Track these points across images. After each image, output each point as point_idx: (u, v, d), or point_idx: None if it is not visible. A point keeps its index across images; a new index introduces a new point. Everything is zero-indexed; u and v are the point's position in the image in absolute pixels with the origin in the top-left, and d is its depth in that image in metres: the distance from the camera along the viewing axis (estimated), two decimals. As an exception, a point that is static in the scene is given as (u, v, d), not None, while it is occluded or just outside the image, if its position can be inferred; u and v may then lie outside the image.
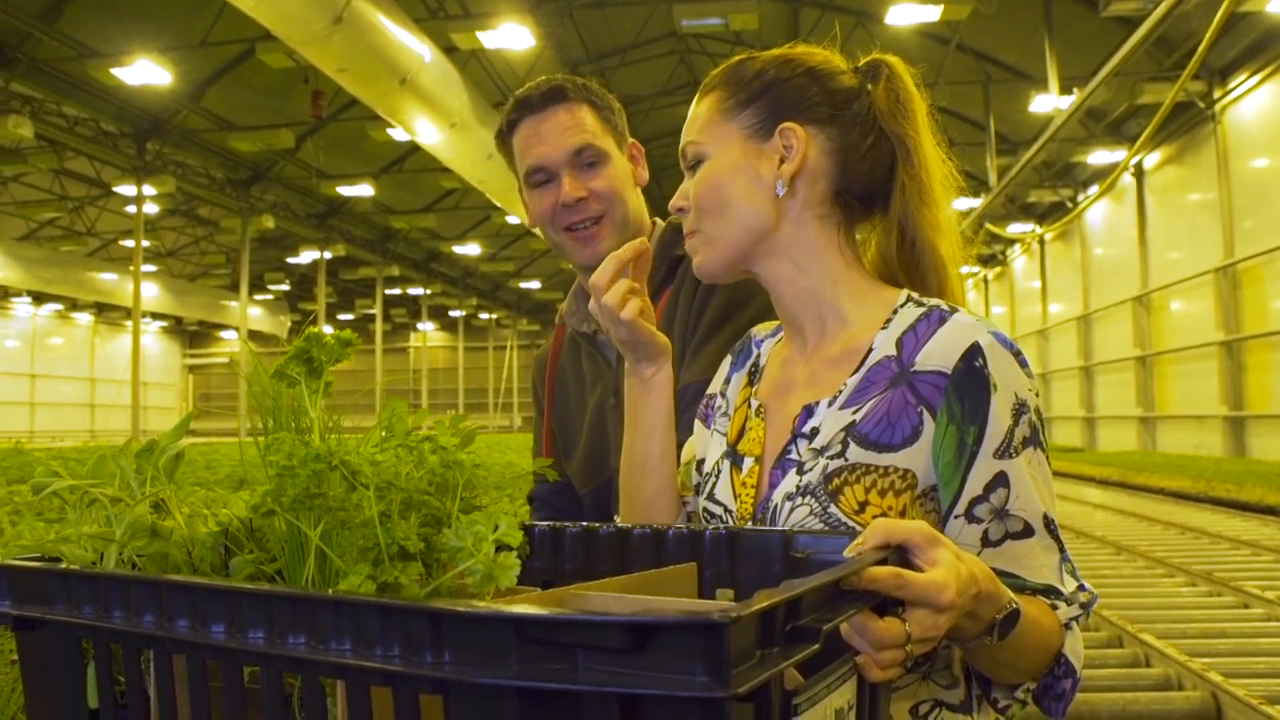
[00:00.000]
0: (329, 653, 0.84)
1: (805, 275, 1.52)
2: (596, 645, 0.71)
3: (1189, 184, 23.05)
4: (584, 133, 2.08)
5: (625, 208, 2.10)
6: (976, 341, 1.35)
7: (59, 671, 1.09)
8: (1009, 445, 1.33)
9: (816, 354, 1.52)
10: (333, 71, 16.33)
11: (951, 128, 22.61)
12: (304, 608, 0.87)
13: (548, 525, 1.38)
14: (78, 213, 36.62)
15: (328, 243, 37.37)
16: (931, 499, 1.36)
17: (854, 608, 0.95)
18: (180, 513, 1.19)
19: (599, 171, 2.08)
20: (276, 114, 26.30)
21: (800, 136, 1.49)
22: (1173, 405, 24.51)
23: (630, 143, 2.17)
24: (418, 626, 0.79)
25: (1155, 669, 5.68)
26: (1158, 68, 20.91)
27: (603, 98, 2.14)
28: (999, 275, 39.91)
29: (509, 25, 18.41)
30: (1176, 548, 10.20)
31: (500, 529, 0.98)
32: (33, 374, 47.92)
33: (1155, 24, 13.84)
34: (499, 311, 58.99)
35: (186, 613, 0.95)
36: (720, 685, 0.67)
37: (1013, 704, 1.36)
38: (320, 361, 1.14)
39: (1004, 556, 1.32)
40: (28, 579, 1.09)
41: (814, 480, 1.39)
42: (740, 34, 21.86)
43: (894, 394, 1.38)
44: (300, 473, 1.01)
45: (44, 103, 24.72)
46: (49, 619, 1.07)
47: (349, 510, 1.05)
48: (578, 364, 2.26)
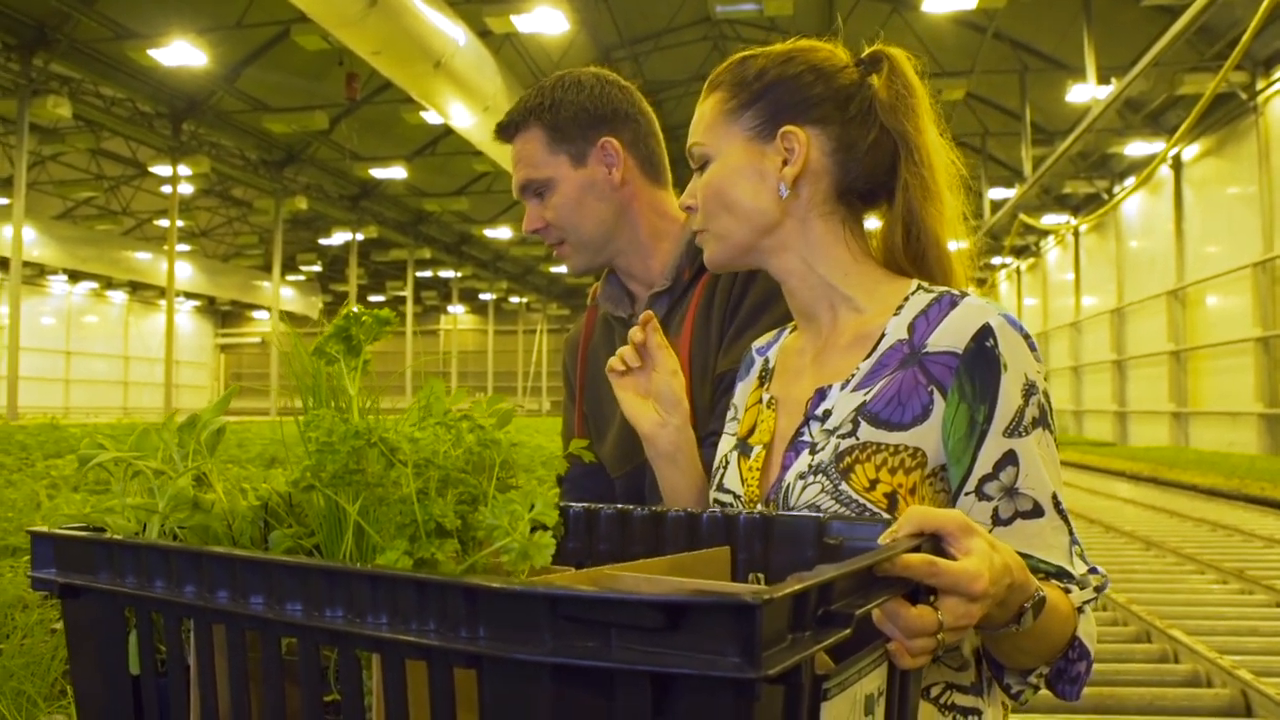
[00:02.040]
0: (365, 626, 0.85)
1: (814, 270, 1.54)
2: (630, 624, 0.71)
3: (1228, 177, 22.80)
4: (523, 168, 2.09)
5: (583, 228, 2.10)
6: (987, 322, 1.37)
7: (102, 639, 1.11)
8: (1019, 424, 1.34)
9: (829, 341, 1.54)
10: (367, 54, 16.39)
11: (986, 117, 22.58)
12: (341, 581, 0.88)
13: (583, 507, 1.39)
14: (113, 192, 36.92)
15: (360, 224, 37.53)
16: (941, 478, 1.38)
17: (886, 594, 0.95)
18: (221, 486, 1.21)
19: (546, 201, 2.10)
20: (311, 96, 26.42)
21: (801, 140, 1.50)
22: (1207, 401, 24.30)
23: (601, 143, 2.10)
24: (453, 602, 0.80)
25: (1184, 665, 5.66)
26: (1199, 58, 20.69)
27: (559, 107, 2.09)
28: (1032, 267, 39.67)
29: (543, 9, 18.41)
30: (1208, 544, 10.12)
31: (536, 508, 0.99)
32: (68, 351, 48.32)
33: (1198, 13, 13.71)
34: (529, 295, 59.08)
35: (226, 584, 0.96)
36: (751, 666, 0.68)
37: (1026, 689, 1.37)
38: (359, 340, 1.15)
39: (1016, 536, 1.33)
40: (73, 548, 1.11)
41: (825, 459, 1.41)
42: (775, 20, 21.74)
43: (905, 374, 1.40)
44: (340, 449, 1.02)
45: (82, 83, 24.94)
46: (93, 587, 1.09)
47: (387, 487, 1.05)
48: (611, 346, 2.25)
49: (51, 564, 1.13)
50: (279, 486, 1.18)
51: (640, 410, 1.69)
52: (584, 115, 2.10)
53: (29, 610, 3.90)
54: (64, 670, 3.29)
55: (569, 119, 2.08)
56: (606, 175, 2.10)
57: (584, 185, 2.09)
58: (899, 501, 1.36)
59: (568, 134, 2.08)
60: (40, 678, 3.25)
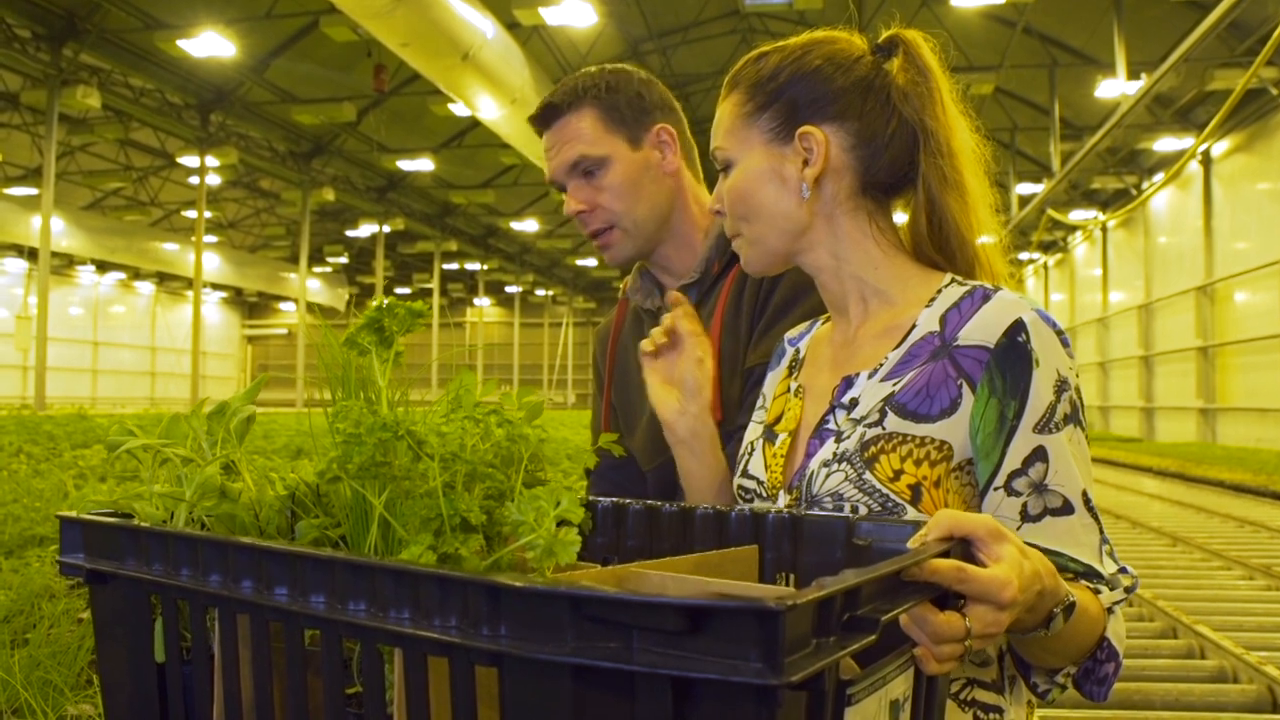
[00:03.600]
0: (388, 620, 0.86)
1: (846, 264, 1.54)
2: (652, 626, 0.71)
3: (1258, 172, 22.66)
4: (576, 144, 2.05)
5: (636, 211, 2.07)
6: (1020, 318, 1.36)
7: (128, 625, 1.12)
8: (1050, 420, 1.33)
9: (860, 331, 1.54)
10: (395, 46, 16.42)
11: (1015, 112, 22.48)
12: (365, 575, 0.88)
13: (611, 502, 1.39)
14: (142, 183, 37.13)
15: (387, 216, 37.62)
16: (968, 472, 1.37)
17: (914, 599, 0.94)
18: (249, 475, 1.21)
19: (598, 180, 2.06)
20: (339, 87, 26.51)
21: (819, 139, 1.49)
22: (1235, 397, 24.15)
23: (658, 129, 2.09)
24: (475, 599, 0.80)
25: (1210, 661, 5.62)
26: (1229, 53, 20.55)
27: (616, 88, 2.08)
28: (1060, 262, 39.47)
29: (572, 1, 18.39)
30: (1235, 541, 10.05)
31: (562, 505, 0.98)
32: (95, 341, 48.62)
33: (1228, 8, 13.57)
34: (555, 288, 59.16)
35: (251, 574, 0.97)
36: (773, 672, 0.67)
37: (1053, 688, 1.35)
38: (392, 331, 1.15)
39: (1045, 533, 1.32)
40: (101, 534, 1.12)
41: (850, 447, 1.40)
42: (804, 13, 21.66)
43: (934, 367, 1.40)
44: (367, 440, 1.03)
45: (111, 74, 25.10)
46: (120, 574, 1.10)
47: (414, 480, 1.06)
48: (640, 339, 2.25)
49: (80, 549, 1.14)
50: (307, 477, 1.18)
51: (663, 396, 1.70)
52: (640, 100, 2.09)
53: (56, 600, 3.93)
54: (90, 660, 3.32)
55: (626, 102, 2.07)
56: (661, 160, 2.09)
57: (641, 167, 2.07)
58: (923, 494, 1.35)
59: (625, 116, 2.06)
60: (67, 667, 3.27)
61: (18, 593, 4.02)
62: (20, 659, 3.22)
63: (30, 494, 6.92)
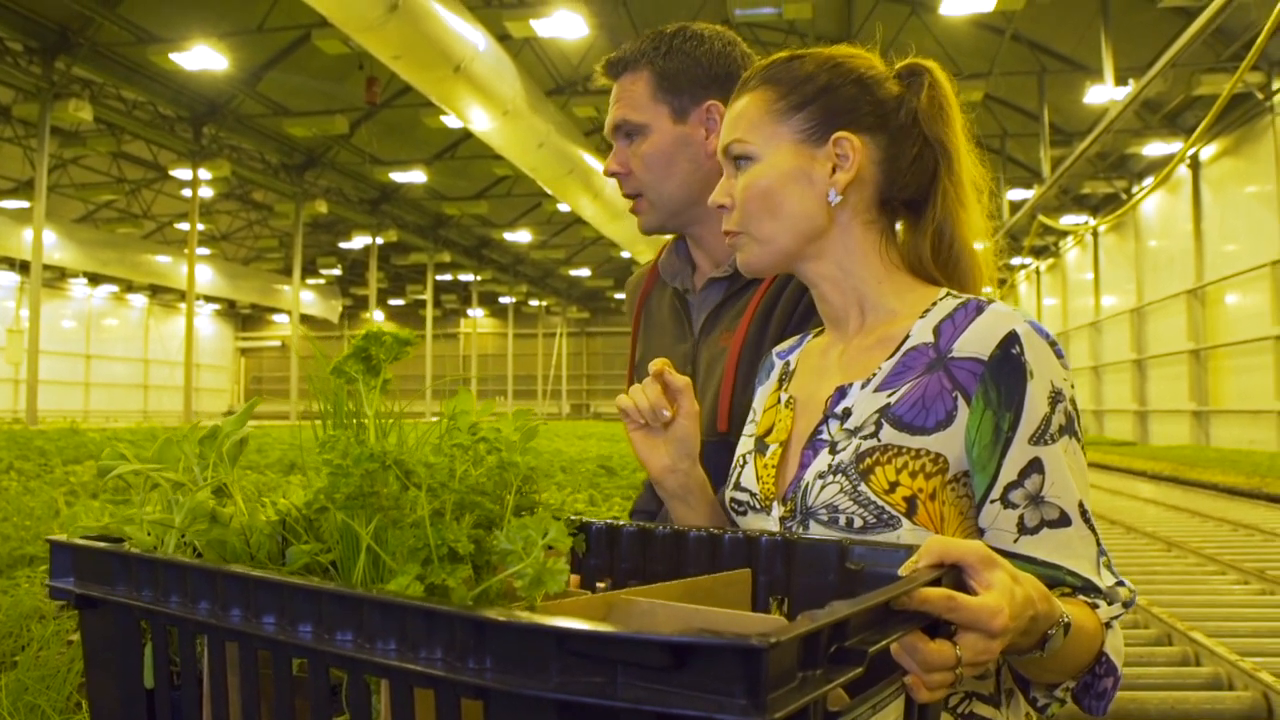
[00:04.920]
0: (375, 652, 0.85)
1: (849, 277, 1.54)
2: (636, 662, 0.71)
3: (1246, 176, 22.75)
4: (622, 106, 2.03)
5: (665, 186, 2.03)
6: (1014, 329, 1.37)
7: (118, 650, 1.12)
8: (1045, 432, 1.34)
9: (854, 342, 1.54)
10: (387, 58, 16.44)
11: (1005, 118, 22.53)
12: (352, 605, 0.88)
13: (605, 524, 1.40)
14: (134, 195, 37.13)
15: (380, 228, 37.64)
16: (963, 484, 1.38)
17: (904, 629, 0.94)
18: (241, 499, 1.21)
19: (635, 146, 2.03)
20: (331, 100, 26.54)
21: (855, 146, 1.49)
22: (1227, 400, 24.23)
23: (709, 105, 2.03)
24: (461, 632, 0.79)
25: (1205, 668, 5.61)
26: (1215, 58, 20.63)
27: (672, 56, 2.04)
28: (1051, 267, 39.55)
29: (562, 13, 18.45)
30: (1228, 544, 10.05)
31: (550, 534, 0.98)
32: (88, 354, 48.55)
33: (1214, 14, 13.64)
34: (549, 299, 59.18)
35: (240, 602, 0.97)
36: (757, 709, 0.67)
37: (1052, 703, 1.35)
38: (379, 360, 1.14)
39: (1043, 546, 1.33)
40: (91, 559, 1.12)
41: (846, 459, 1.40)
42: (794, 23, 21.75)
43: (930, 379, 1.40)
44: (354, 472, 1.02)
45: (103, 86, 25.13)
46: (110, 599, 1.10)
47: (402, 509, 1.05)
48: (665, 304, 2.20)
49: (70, 573, 1.14)
50: (297, 500, 1.18)
51: (650, 452, 1.61)
52: (697, 71, 2.04)
53: (46, 622, 3.90)
54: (80, 684, 3.30)
55: (680, 70, 2.03)
56: (703, 139, 2.04)
57: (679, 141, 2.03)
58: (918, 506, 1.35)
59: (676, 85, 2.03)
60: (56, 691, 3.24)
61: (7, 614, 3.98)
62: (7, 683, 3.20)
63: (21, 512, 6.88)
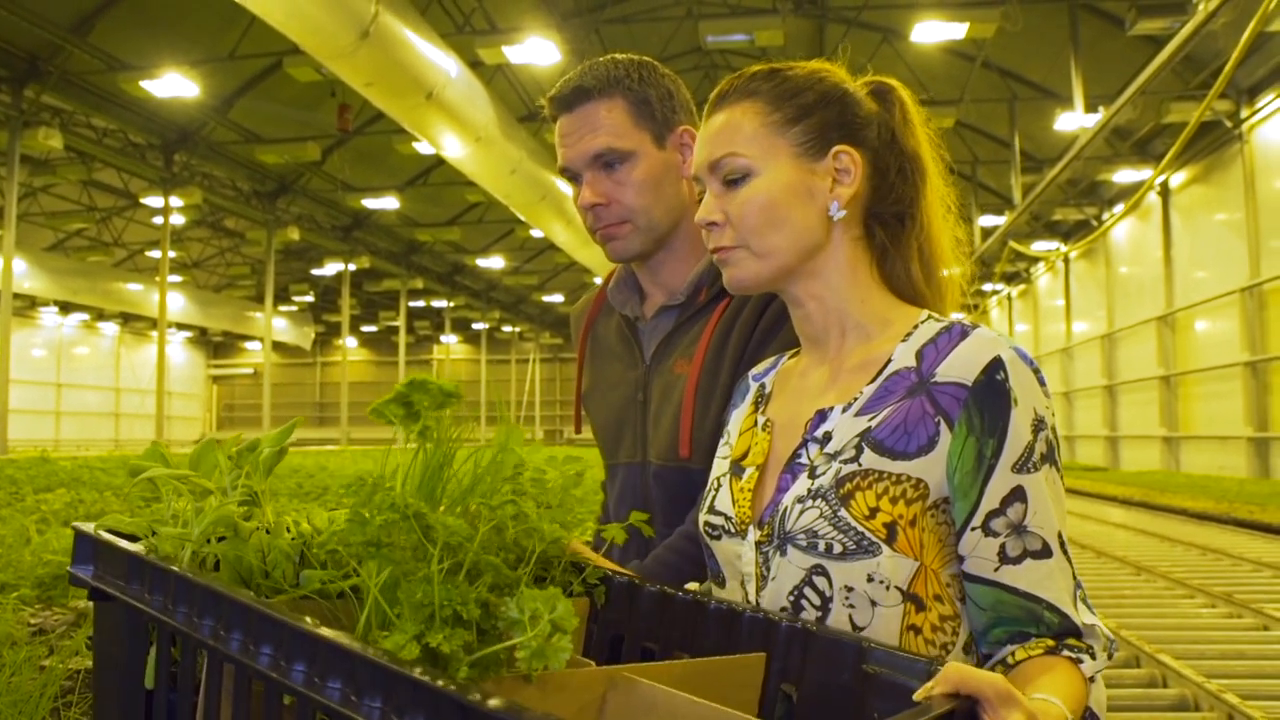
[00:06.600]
0: (360, 708, 0.85)
1: (836, 295, 1.51)
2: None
3: (1215, 203, 22.91)
4: (603, 135, 1.95)
5: (654, 211, 1.98)
6: (999, 355, 1.36)
7: (124, 646, 1.14)
8: (1028, 460, 1.33)
9: (834, 364, 1.51)
10: (360, 85, 16.43)
11: (976, 145, 22.65)
12: (345, 657, 0.88)
13: (627, 579, 1.37)
14: (105, 223, 36.97)
15: (352, 255, 37.56)
16: (944, 511, 1.36)
17: None
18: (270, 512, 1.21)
19: (620, 174, 1.96)
20: (303, 127, 26.49)
21: (856, 159, 1.48)
22: (1197, 425, 24.34)
23: (681, 130, 2.01)
24: (446, 710, 0.79)
25: (1172, 689, 5.66)
26: (1184, 86, 20.84)
27: (645, 83, 2.00)
28: (1023, 293, 39.75)
29: (535, 40, 18.50)
30: (1197, 569, 10.12)
31: (557, 610, 0.97)
32: (59, 383, 48.20)
33: (1182, 43, 13.84)
34: (522, 325, 59.06)
35: (240, 627, 0.98)
36: None
37: None
38: (420, 407, 1.14)
39: (1025, 577, 1.32)
40: (110, 553, 1.14)
41: (826, 484, 1.38)
42: (765, 50, 21.87)
43: (912, 403, 1.38)
44: (373, 521, 1.03)
45: (74, 114, 24.99)
46: (122, 597, 1.12)
47: (415, 562, 1.04)
48: (612, 330, 2.18)
49: (90, 562, 1.17)
50: (319, 522, 1.19)
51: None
52: (669, 98, 2.02)
53: (18, 647, 3.88)
54: (52, 709, 3.28)
55: (656, 98, 2.00)
56: (681, 164, 2.02)
57: (665, 166, 2.00)
58: (898, 532, 1.33)
59: (653, 112, 1.99)
60: (28, 717, 3.23)
61: (-23, 641, 3.96)
62: (-21, 709, 3.19)
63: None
